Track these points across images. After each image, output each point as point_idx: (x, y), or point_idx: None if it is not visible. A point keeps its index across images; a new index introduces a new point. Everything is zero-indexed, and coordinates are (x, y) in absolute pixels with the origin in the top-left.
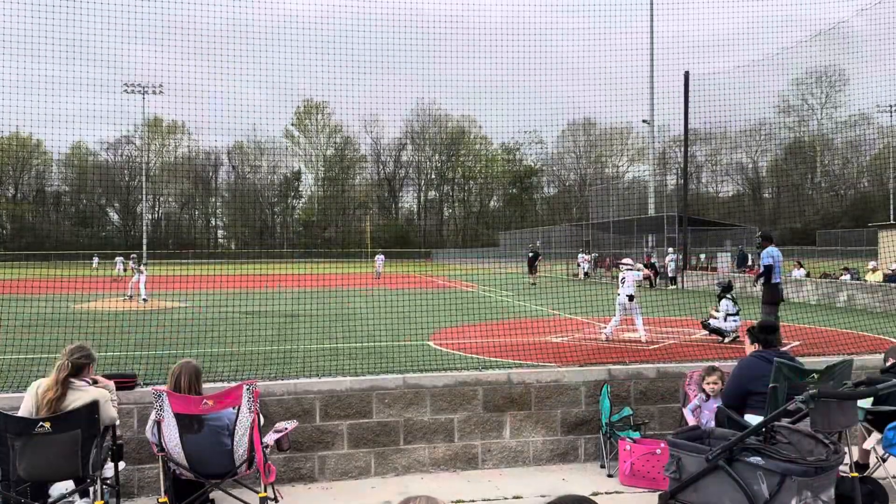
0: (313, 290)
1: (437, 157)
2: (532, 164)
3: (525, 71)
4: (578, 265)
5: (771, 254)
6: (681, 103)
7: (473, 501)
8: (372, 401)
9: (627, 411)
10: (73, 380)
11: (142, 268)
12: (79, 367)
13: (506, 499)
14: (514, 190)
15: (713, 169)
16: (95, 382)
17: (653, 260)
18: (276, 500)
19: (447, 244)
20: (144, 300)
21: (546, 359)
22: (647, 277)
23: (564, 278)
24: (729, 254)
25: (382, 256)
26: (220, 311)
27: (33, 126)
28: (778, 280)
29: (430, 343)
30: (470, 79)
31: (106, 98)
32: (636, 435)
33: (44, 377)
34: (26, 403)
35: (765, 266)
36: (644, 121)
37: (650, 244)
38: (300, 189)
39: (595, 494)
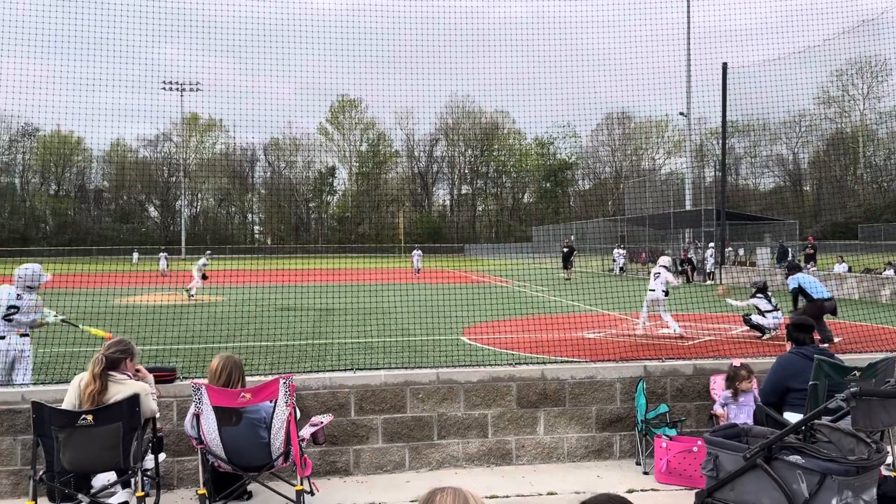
0: (348, 285)
1: (470, 152)
2: (566, 158)
3: (560, 64)
4: (614, 260)
5: (797, 279)
6: (719, 95)
7: (507, 497)
8: (406, 395)
9: (663, 408)
10: (112, 373)
11: (208, 263)
12: (114, 362)
13: (540, 495)
14: (547, 184)
15: (752, 162)
16: (138, 372)
17: (690, 255)
18: (313, 493)
19: (480, 239)
20: (192, 296)
21: (580, 355)
22: (674, 287)
23: (599, 273)
24: (768, 248)
25: (420, 252)
26: (257, 305)
27: (75, 124)
28: (822, 296)
29: (464, 338)
30: (503, 73)
31: (145, 96)
32: (672, 432)
33: (84, 371)
34: (69, 396)
35: (792, 291)
36: (681, 113)
37: (687, 239)
38: (334, 185)
39: (630, 492)
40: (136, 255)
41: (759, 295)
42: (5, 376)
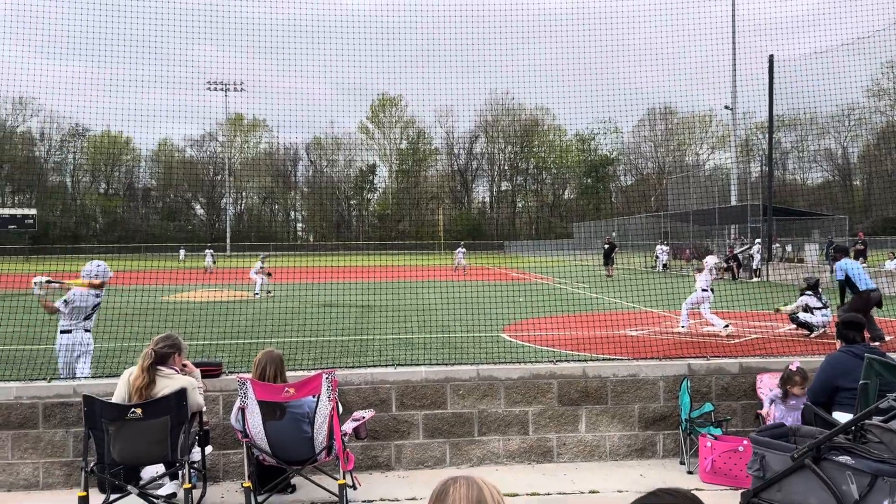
0: (388, 282)
1: (509, 149)
2: (608, 154)
3: (601, 58)
4: (656, 257)
5: (843, 267)
6: (765, 88)
7: (549, 494)
8: (446, 392)
9: (708, 407)
10: (160, 368)
11: (264, 264)
12: (163, 357)
13: (582, 493)
14: (588, 180)
15: (800, 156)
16: (185, 367)
17: (736, 251)
18: (355, 487)
19: (520, 236)
20: (257, 294)
21: (622, 352)
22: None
23: (642, 270)
24: (817, 245)
25: (464, 249)
26: (300, 302)
27: (123, 124)
28: (867, 286)
29: (504, 335)
30: (544, 68)
31: (191, 96)
32: (717, 431)
33: (134, 365)
34: (119, 390)
35: (839, 281)
36: (726, 107)
37: (733, 235)
38: (375, 182)
39: None
40: (182, 252)
41: (808, 292)
42: (69, 370)
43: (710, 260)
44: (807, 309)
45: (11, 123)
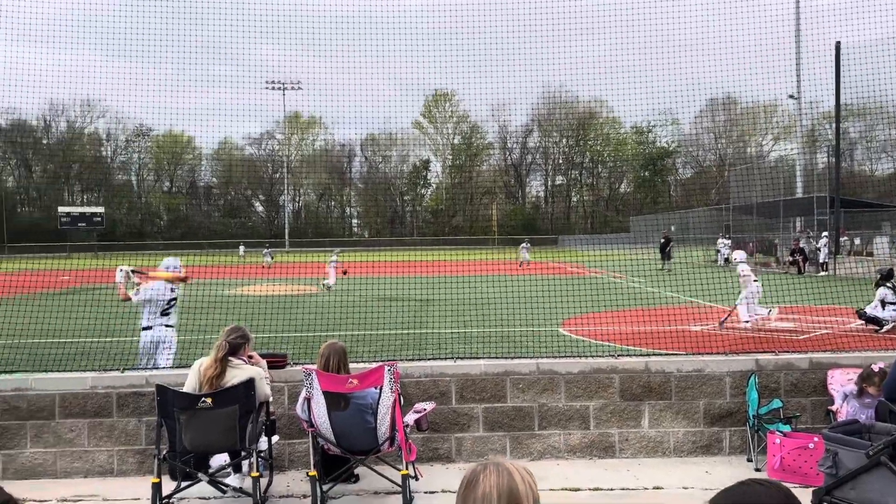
0: (444, 277)
1: (564, 142)
2: (666, 146)
3: (659, 48)
4: (717, 251)
5: None
6: (832, 76)
7: (612, 490)
8: (506, 385)
9: (777, 403)
10: (231, 358)
11: (338, 259)
12: (235, 347)
13: (646, 489)
14: (646, 173)
15: (868, 146)
16: (251, 358)
17: (801, 244)
18: (417, 479)
19: (575, 230)
20: (329, 288)
21: (685, 347)
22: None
23: (702, 264)
24: (887, 238)
25: (528, 244)
26: (358, 296)
27: (186, 124)
28: None
29: (561, 330)
30: (600, 60)
31: (250, 96)
32: (786, 428)
33: (203, 356)
34: (190, 380)
35: None
36: (790, 96)
37: (798, 228)
38: (429, 178)
39: None
40: (242, 248)
41: (886, 284)
42: (148, 362)
43: (739, 254)
44: (882, 303)
45: (80, 125)
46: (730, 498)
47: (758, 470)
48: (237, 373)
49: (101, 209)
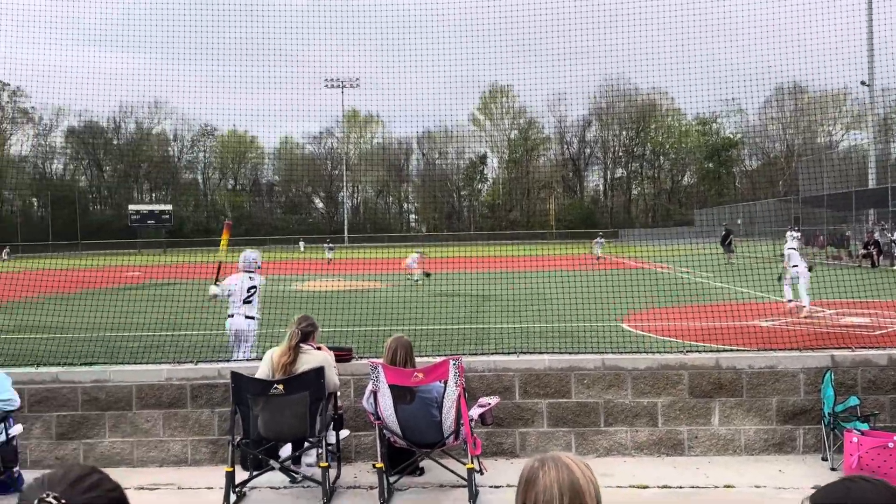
0: (502, 272)
1: (624, 134)
2: (731, 136)
3: (724, 35)
4: (786, 243)
5: None
6: None
7: (681, 488)
8: (570, 381)
9: (854, 401)
10: (302, 345)
11: (417, 254)
12: (306, 334)
13: (716, 487)
14: (710, 164)
15: None
16: (319, 349)
17: (876, 236)
18: (482, 473)
19: (635, 224)
20: (417, 281)
21: (754, 343)
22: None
23: (771, 258)
24: None
25: (602, 239)
26: (419, 291)
27: (248, 123)
28: None
29: (624, 325)
30: (661, 49)
31: (310, 94)
32: (864, 426)
33: (273, 346)
34: (262, 369)
35: None
36: (862, 83)
37: (871, 220)
38: (485, 173)
39: (815, 488)
40: (301, 244)
41: None
42: (234, 351)
43: (792, 239)
44: None
45: (148, 125)
46: (833, 495)
47: (833, 469)
48: (308, 358)
49: (168, 207)
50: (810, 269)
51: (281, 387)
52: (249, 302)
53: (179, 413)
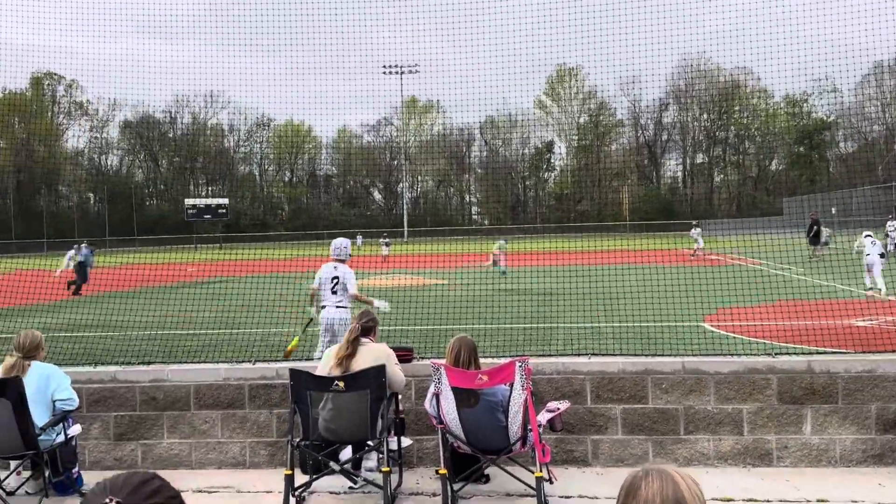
0: (570, 267)
1: (705, 117)
2: (824, 117)
3: (815, 7)
4: (887, 235)
5: None
6: None
7: (769, 501)
8: (647, 385)
9: None
10: (361, 339)
11: (501, 247)
12: (367, 329)
13: (808, 501)
14: (800, 148)
15: None
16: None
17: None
18: (551, 482)
19: (718, 214)
20: (503, 272)
21: (850, 345)
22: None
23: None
24: None
25: (699, 229)
26: (480, 287)
27: (304, 114)
28: None
29: (706, 325)
30: (746, 24)
31: (366, 82)
32: None
33: (334, 345)
34: (321, 369)
35: None
36: None
37: None
38: (552, 161)
39: None
40: (360, 238)
41: None
42: (325, 346)
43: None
44: None
45: (204, 117)
46: None
47: None
48: (368, 351)
49: (225, 200)
50: (882, 256)
51: (341, 384)
52: (335, 292)
53: (238, 414)
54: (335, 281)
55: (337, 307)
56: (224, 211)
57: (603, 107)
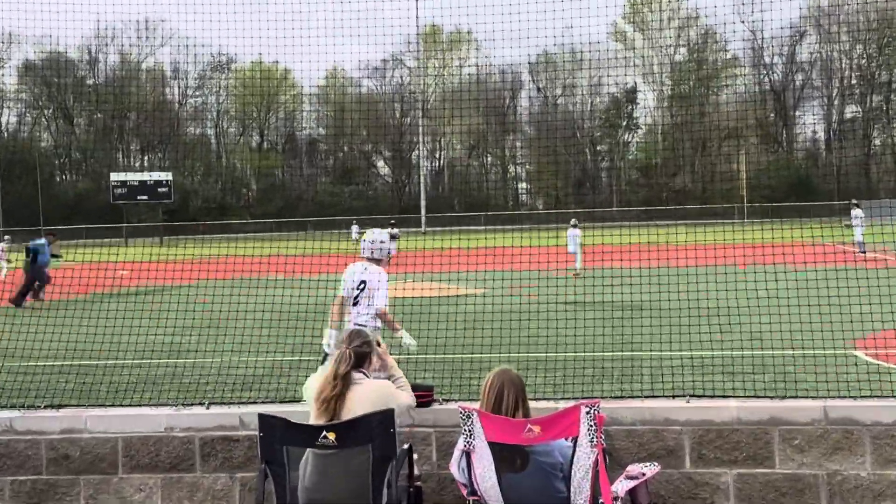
0: (658, 269)
1: (859, 49)
2: None
3: None
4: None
5: None
6: None
7: None
8: (772, 440)
9: None
10: (354, 373)
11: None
12: (360, 357)
13: None
14: None
15: None
16: (381, 360)
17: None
18: None
19: (878, 192)
20: (577, 274)
21: None
22: None
23: None
24: None
25: (860, 212)
26: (521, 299)
27: (279, 52)
28: None
29: (859, 353)
30: None
31: (368, 2)
32: None
33: (314, 375)
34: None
35: None
36: None
37: None
38: (635, 115)
39: None
40: (355, 227)
41: None
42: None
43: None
44: None
45: (136, 57)
46: None
47: None
48: (365, 392)
49: (167, 175)
50: None
51: (331, 436)
52: (358, 303)
53: (185, 479)
54: (361, 287)
55: (355, 326)
56: (166, 190)
57: (709, 36)
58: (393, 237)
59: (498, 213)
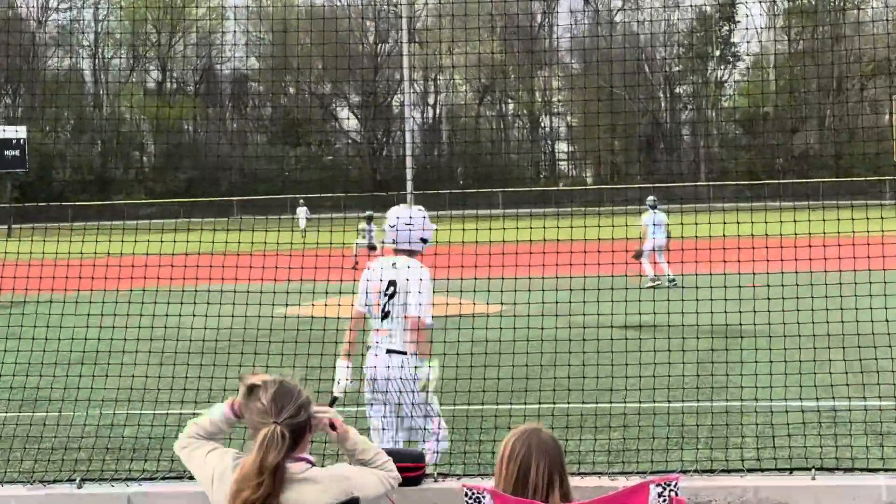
0: (775, 277)
1: None
2: None
3: None
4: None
5: None
6: None
7: None
8: None
9: None
10: (289, 465)
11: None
12: (297, 433)
13: None
14: None
15: None
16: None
17: None
18: None
19: None
20: (657, 281)
21: None
22: None
23: None
24: None
25: None
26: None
27: None
28: None
29: None
30: None
31: None
32: None
33: (230, 453)
34: (216, 497)
35: None
36: None
37: None
38: (733, 41)
39: None
40: (302, 211)
41: None
42: (393, 415)
43: None
44: None
45: None
46: None
47: None
48: (308, 495)
49: (20, 133)
50: None
51: None
52: (388, 317)
53: None
54: (391, 291)
55: (388, 351)
56: (17, 153)
57: None
58: (368, 224)
59: (524, 189)
